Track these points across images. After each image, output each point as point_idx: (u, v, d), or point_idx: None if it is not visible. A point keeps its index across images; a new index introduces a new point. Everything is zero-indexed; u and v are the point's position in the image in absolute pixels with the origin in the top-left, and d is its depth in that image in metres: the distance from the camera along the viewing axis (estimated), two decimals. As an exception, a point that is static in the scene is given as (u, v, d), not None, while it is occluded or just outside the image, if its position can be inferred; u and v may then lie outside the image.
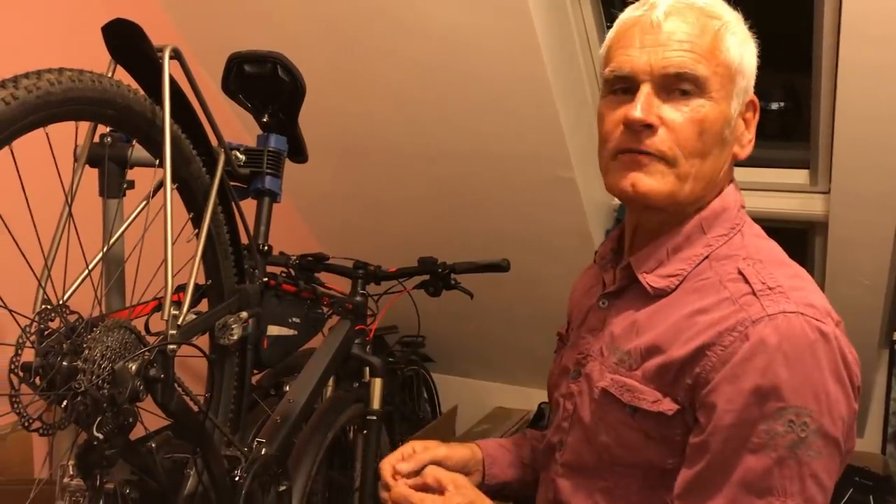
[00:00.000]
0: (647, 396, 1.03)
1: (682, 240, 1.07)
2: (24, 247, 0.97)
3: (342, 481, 2.03)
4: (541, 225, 2.65)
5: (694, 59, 1.00)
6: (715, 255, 1.06)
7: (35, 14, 2.03)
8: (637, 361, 1.05)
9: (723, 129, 1.04)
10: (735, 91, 1.04)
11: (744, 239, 1.07)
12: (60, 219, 1.05)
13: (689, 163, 1.02)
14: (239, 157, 1.42)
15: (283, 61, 1.48)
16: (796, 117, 2.48)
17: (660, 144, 1.01)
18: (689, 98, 1.01)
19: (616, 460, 1.08)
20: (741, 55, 1.04)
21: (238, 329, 1.26)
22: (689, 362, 0.99)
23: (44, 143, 0.94)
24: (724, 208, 1.08)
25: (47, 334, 0.97)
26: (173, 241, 1.06)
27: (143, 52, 1.08)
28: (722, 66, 1.02)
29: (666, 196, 1.03)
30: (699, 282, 1.04)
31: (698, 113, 1.01)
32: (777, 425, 0.93)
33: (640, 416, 1.03)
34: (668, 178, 1.02)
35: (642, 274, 1.09)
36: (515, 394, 3.32)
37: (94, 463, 0.98)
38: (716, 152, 1.04)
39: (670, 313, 1.04)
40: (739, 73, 1.04)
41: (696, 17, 1.02)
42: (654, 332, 1.04)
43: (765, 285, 0.98)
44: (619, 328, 1.10)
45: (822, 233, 2.40)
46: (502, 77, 2.27)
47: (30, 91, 0.86)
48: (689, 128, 1.01)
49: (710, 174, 1.05)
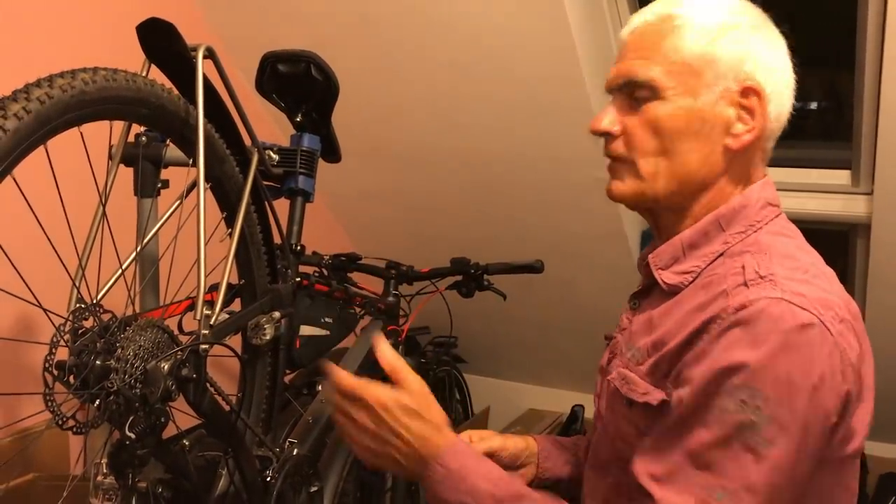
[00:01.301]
0: (638, 388, 1.03)
1: (698, 237, 1.07)
2: (60, 246, 0.98)
3: (374, 482, 2.03)
4: (575, 227, 2.63)
5: (641, 64, 1.04)
6: (730, 252, 1.04)
7: (71, 13, 2.05)
8: (644, 356, 1.05)
9: (690, 125, 1.03)
10: (704, 83, 1.02)
11: (759, 235, 1.05)
12: (95, 218, 1.06)
13: (647, 162, 1.05)
14: (272, 157, 1.41)
15: (317, 61, 1.47)
16: (837, 116, 2.43)
17: (617, 149, 1.08)
18: (646, 102, 1.04)
19: (619, 454, 1.07)
20: (708, 46, 1.02)
21: (270, 329, 1.25)
22: (677, 353, 0.98)
23: (79, 142, 0.94)
24: (743, 205, 1.06)
25: (81, 333, 0.97)
26: (206, 241, 1.06)
27: (177, 52, 1.08)
28: (677, 63, 1.02)
29: (633, 195, 1.08)
30: (709, 278, 1.03)
31: (649, 114, 1.04)
32: (729, 402, 0.91)
33: (635, 408, 1.04)
34: (630, 179, 1.07)
35: (658, 270, 1.09)
36: (548, 396, 3.29)
37: (126, 462, 0.98)
38: (685, 148, 1.04)
39: (679, 309, 1.03)
40: (708, 63, 1.02)
41: (653, 20, 1.06)
42: (662, 328, 1.04)
43: (757, 274, 0.96)
44: (637, 325, 1.11)
45: (863, 235, 2.34)
46: (537, 77, 2.25)
47: (65, 90, 0.86)
48: (642, 129, 1.05)
49: (687, 169, 1.05)
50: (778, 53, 1.06)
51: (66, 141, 0.89)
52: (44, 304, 0.95)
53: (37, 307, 0.95)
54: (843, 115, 2.33)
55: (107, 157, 1.16)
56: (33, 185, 0.91)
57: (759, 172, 1.09)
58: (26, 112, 0.81)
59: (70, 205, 1.01)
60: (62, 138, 0.88)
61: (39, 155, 0.86)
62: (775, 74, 1.04)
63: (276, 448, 1.33)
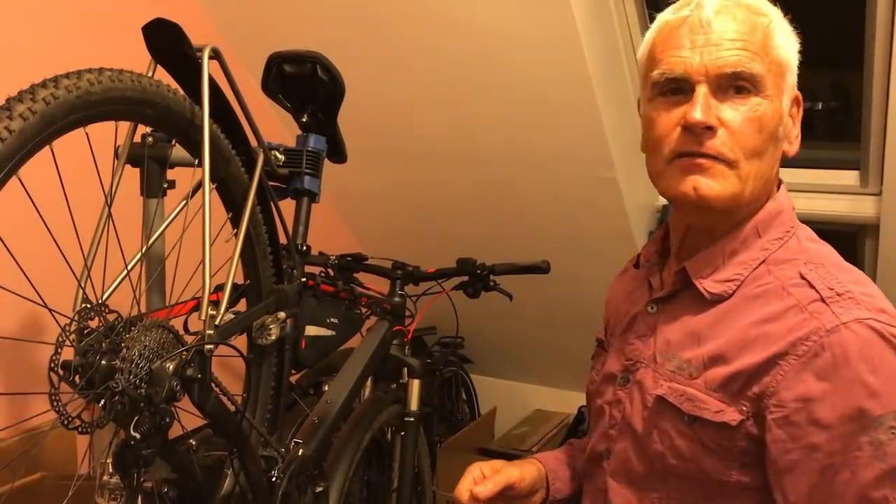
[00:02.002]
0: (709, 406, 1.00)
1: (738, 244, 1.05)
2: (66, 246, 0.98)
3: (380, 482, 2.03)
4: (582, 226, 2.62)
5: (749, 56, 0.98)
6: (772, 260, 1.03)
7: (77, 14, 2.05)
8: (698, 370, 1.02)
9: (777, 127, 1.02)
10: (785, 87, 1.03)
11: (800, 243, 1.05)
12: (100, 218, 1.06)
13: (748, 163, 1.00)
14: (278, 158, 1.42)
15: (323, 61, 1.47)
16: (845, 116, 2.41)
17: (720, 146, 0.99)
18: (747, 97, 0.99)
19: (670, 470, 1.05)
20: (789, 51, 1.03)
21: (276, 329, 1.25)
22: (758, 372, 0.96)
23: (84, 142, 0.94)
24: (779, 211, 1.06)
25: (87, 333, 0.97)
26: (212, 242, 1.06)
27: (183, 52, 1.08)
28: (774, 63, 1.00)
29: (729, 199, 1.01)
30: (759, 288, 1.01)
31: (756, 112, 0.99)
32: (879, 434, 0.90)
33: (700, 425, 1.01)
34: (731, 181, 1.00)
35: (698, 279, 1.06)
36: (555, 396, 3.28)
37: (131, 462, 0.98)
38: (770, 151, 1.02)
39: (734, 321, 1.01)
40: (788, 69, 1.03)
41: (744, 14, 1.00)
42: (717, 340, 1.01)
43: (833, 291, 0.96)
44: (675, 335, 1.07)
45: (872, 236, 2.33)
46: (544, 77, 2.24)
47: (70, 91, 0.86)
48: (749, 127, 0.99)
49: (767, 173, 1.03)
50: None
51: (71, 141, 0.90)
52: (50, 305, 0.95)
53: (42, 307, 0.95)
54: (852, 116, 2.32)
55: (112, 158, 1.17)
56: (39, 186, 0.91)
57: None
58: (32, 113, 0.81)
59: (76, 205, 1.01)
60: (68, 139, 0.88)
61: (45, 155, 0.87)
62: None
63: (281, 448, 1.33)
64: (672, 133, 1.01)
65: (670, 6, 1.07)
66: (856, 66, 2.12)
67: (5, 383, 1.90)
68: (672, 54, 1.01)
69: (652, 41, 1.06)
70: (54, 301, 0.96)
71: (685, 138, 1.00)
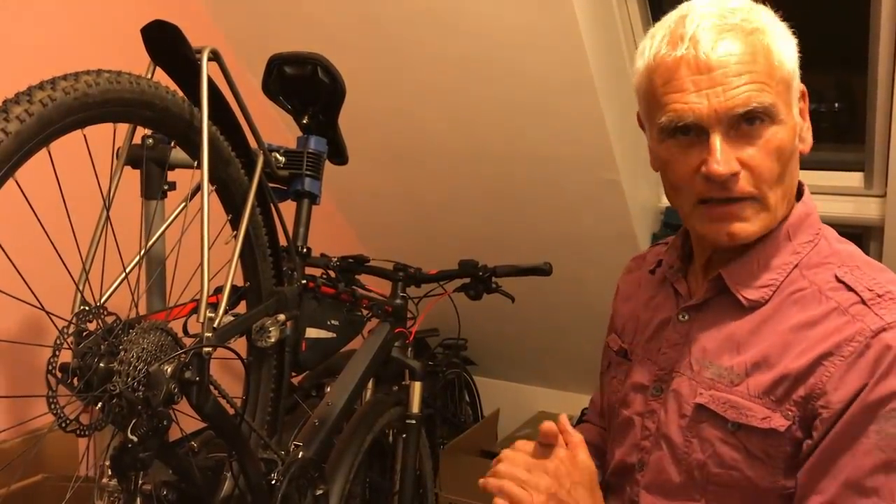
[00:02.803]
0: (755, 413, 0.99)
1: (772, 249, 1.04)
2: (65, 249, 0.97)
3: (382, 484, 2.03)
4: (585, 228, 2.61)
5: (758, 88, 0.95)
6: (805, 264, 1.03)
7: (77, 16, 2.05)
8: (740, 377, 1.01)
9: (794, 143, 1.01)
10: (794, 97, 1.01)
11: (830, 245, 1.05)
12: (99, 220, 1.06)
13: (774, 192, 0.99)
14: (278, 159, 1.41)
15: (324, 62, 1.47)
16: (850, 118, 2.40)
17: (746, 186, 0.98)
18: (762, 128, 0.96)
19: (711, 479, 1.03)
20: (790, 58, 1.00)
21: (275, 331, 1.25)
22: (804, 375, 0.96)
23: (83, 144, 0.94)
24: (807, 213, 1.06)
25: (85, 336, 0.97)
26: (211, 244, 1.06)
27: (182, 54, 1.07)
28: (782, 82, 0.98)
29: (762, 231, 1.02)
30: (796, 293, 1.01)
31: (774, 142, 0.97)
32: (889, 426, 0.90)
33: (745, 432, 1.00)
34: (762, 216, 1.00)
35: (736, 287, 1.05)
36: (558, 398, 3.27)
37: (129, 465, 0.98)
38: (792, 166, 1.02)
39: (774, 327, 1.01)
40: (793, 75, 1.01)
41: (739, 38, 0.96)
42: (758, 347, 1.01)
43: (873, 293, 0.96)
44: (712, 342, 1.06)
45: (877, 238, 2.32)
46: (547, 78, 2.24)
47: (67, 93, 0.86)
48: (769, 159, 0.97)
49: (792, 189, 1.04)
50: None
51: (71, 143, 0.89)
52: (51, 307, 0.95)
53: (41, 310, 0.95)
54: (856, 117, 2.31)
55: (112, 160, 1.17)
56: (39, 188, 0.91)
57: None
58: (28, 115, 0.80)
59: (76, 207, 1.01)
60: (68, 141, 0.88)
61: (44, 158, 0.86)
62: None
63: (281, 451, 1.33)
64: (693, 179, 0.99)
65: (663, 37, 1.00)
66: (860, 68, 2.11)
67: (7, 385, 1.90)
68: (677, 99, 0.97)
69: (651, 79, 1.01)
70: (56, 303, 0.96)
71: (708, 186, 0.98)
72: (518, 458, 1.05)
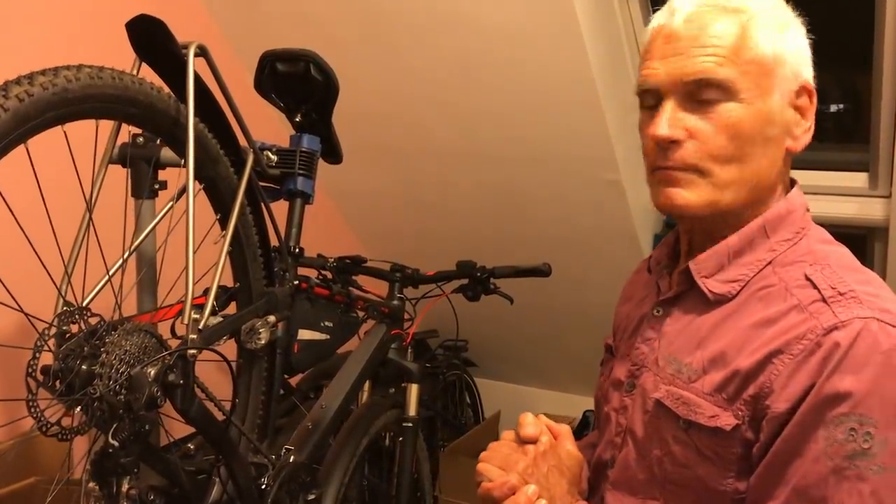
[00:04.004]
0: (704, 410, 0.97)
1: (744, 244, 1.02)
2: (49, 249, 0.95)
3: (383, 487, 2.00)
4: (587, 229, 2.59)
5: (716, 62, 0.95)
6: (779, 261, 1.00)
7: (67, 10, 2.02)
8: (697, 373, 0.99)
9: (763, 129, 0.98)
10: (775, 83, 0.98)
11: (810, 244, 1.01)
12: (82, 224, 1.03)
13: (724, 170, 0.98)
14: (270, 158, 1.39)
15: (316, 60, 1.45)
16: (854, 118, 2.38)
17: (688, 157, 0.98)
18: (717, 104, 0.96)
19: (668, 477, 1.01)
20: (778, 44, 0.98)
21: (266, 333, 1.23)
22: (753, 373, 0.93)
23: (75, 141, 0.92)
24: (789, 211, 1.03)
25: (69, 338, 0.95)
26: (199, 243, 1.04)
27: (168, 49, 1.05)
28: (753, 63, 0.97)
29: (705, 206, 0.99)
30: (763, 289, 0.98)
31: (727, 118, 0.96)
32: (836, 432, 0.87)
33: (695, 430, 0.97)
34: (704, 189, 0.98)
35: (702, 279, 1.03)
36: (560, 400, 3.25)
37: (111, 470, 0.96)
38: (758, 153, 0.99)
39: (735, 323, 0.98)
40: (779, 63, 0.98)
41: (716, 16, 0.97)
42: (718, 343, 0.98)
43: (835, 290, 0.92)
44: (678, 337, 1.04)
45: (881, 239, 2.29)
46: (548, 78, 2.22)
47: (46, 88, 0.84)
48: (719, 135, 0.97)
49: (755, 177, 1.00)
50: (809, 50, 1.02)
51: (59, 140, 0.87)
52: (38, 310, 0.94)
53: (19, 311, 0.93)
54: (861, 117, 2.28)
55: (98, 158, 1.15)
56: (22, 186, 0.89)
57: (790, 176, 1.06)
58: (4, 110, 0.79)
59: (64, 206, 0.99)
60: (54, 137, 0.85)
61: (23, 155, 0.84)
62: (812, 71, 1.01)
63: (271, 455, 1.30)
64: (650, 147, 1.01)
65: (660, 13, 1.04)
66: (865, 67, 2.09)
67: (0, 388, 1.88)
68: (646, 66, 1.01)
69: (641, 51, 1.06)
70: (43, 305, 0.94)
71: (658, 152, 0.99)
72: (502, 444, 1.10)
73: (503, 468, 1.05)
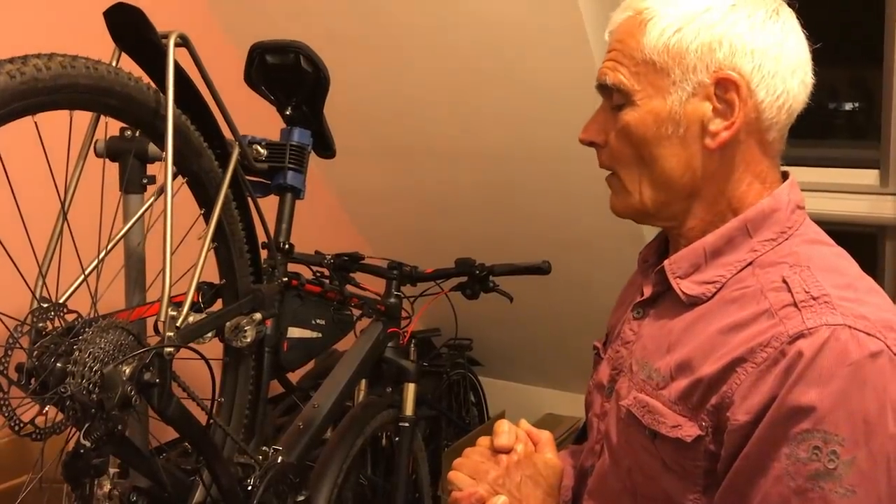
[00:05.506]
0: (667, 420, 0.91)
1: (722, 243, 0.95)
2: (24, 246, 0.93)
3: (384, 487, 1.98)
4: (590, 227, 2.56)
5: (611, 66, 0.96)
6: (760, 262, 0.93)
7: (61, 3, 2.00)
8: (665, 380, 0.93)
9: (658, 129, 0.94)
10: (672, 81, 0.93)
11: (794, 244, 0.94)
12: (59, 218, 1.01)
13: (628, 172, 0.98)
14: (260, 152, 1.36)
15: (306, 51, 1.41)
16: (865, 115, 2.34)
17: (604, 161, 1.01)
18: (622, 108, 0.96)
19: (638, 488, 0.97)
20: (672, 38, 0.92)
21: (251, 331, 1.20)
22: (716, 382, 0.87)
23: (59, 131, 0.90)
24: (774, 209, 0.95)
25: (45, 335, 0.93)
26: (177, 242, 1.01)
27: (148, 39, 1.03)
28: (642, 63, 0.93)
29: (627, 208, 1.01)
30: (739, 291, 0.92)
31: (622, 122, 0.96)
32: (799, 450, 0.80)
33: (660, 441, 0.92)
34: (622, 192, 1.00)
35: (675, 279, 0.97)
36: (566, 400, 3.21)
37: (82, 471, 0.93)
38: (662, 154, 0.95)
39: (705, 327, 0.92)
40: (674, 58, 0.92)
41: (623, 18, 0.97)
42: (686, 347, 0.92)
43: (808, 294, 0.86)
44: (651, 341, 0.99)
45: (892, 237, 2.25)
46: (551, 73, 2.19)
47: (13, 76, 0.82)
48: (619, 139, 0.98)
49: (668, 176, 0.95)
50: (769, 31, 0.92)
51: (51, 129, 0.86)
52: (18, 306, 0.91)
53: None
54: (872, 114, 2.24)
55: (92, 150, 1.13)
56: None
57: (773, 170, 0.98)
58: (-33, 98, 0.76)
59: (45, 199, 0.97)
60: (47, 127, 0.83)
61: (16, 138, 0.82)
62: (764, 56, 0.92)
63: (258, 455, 1.28)
64: None
65: None
66: (875, 64, 2.05)
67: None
68: None
69: None
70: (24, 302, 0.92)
71: None
72: (475, 451, 1.08)
73: (473, 477, 1.03)
